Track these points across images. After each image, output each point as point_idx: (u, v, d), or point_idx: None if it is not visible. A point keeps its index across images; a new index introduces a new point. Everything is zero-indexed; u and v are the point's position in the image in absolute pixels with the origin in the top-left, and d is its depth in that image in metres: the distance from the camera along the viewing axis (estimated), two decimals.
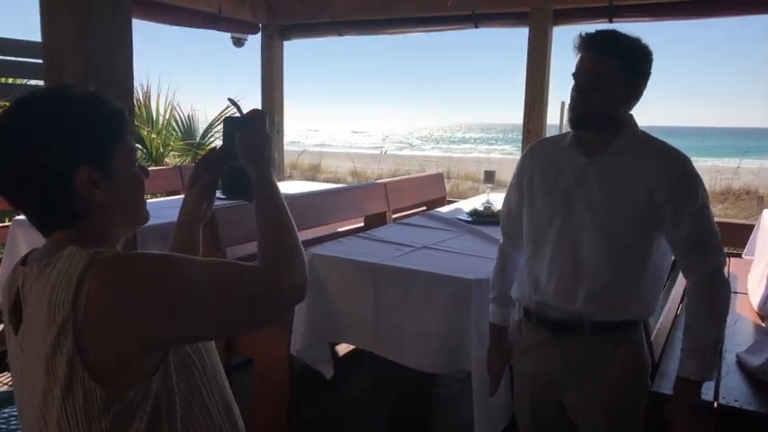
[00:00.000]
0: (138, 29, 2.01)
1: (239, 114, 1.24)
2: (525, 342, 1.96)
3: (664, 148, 1.81)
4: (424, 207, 4.84)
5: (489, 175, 4.18)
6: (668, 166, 1.75)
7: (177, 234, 1.34)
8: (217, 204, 3.05)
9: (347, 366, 3.37)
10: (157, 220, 1.38)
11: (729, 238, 4.57)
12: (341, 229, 4.22)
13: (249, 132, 1.19)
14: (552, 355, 1.87)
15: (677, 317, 3.04)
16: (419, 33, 5.44)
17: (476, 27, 4.87)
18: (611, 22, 4.33)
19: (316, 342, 2.68)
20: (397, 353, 2.52)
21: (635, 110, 1.85)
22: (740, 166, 15.48)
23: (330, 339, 2.73)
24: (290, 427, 2.90)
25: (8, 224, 3.76)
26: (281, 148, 5.97)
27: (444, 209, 4.17)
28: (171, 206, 2.60)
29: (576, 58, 1.77)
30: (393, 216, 4.46)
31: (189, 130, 8.27)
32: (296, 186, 5.27)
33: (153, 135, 7.82)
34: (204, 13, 5.05)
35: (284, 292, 1.03)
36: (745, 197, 11.53)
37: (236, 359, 3.22)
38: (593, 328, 1.80)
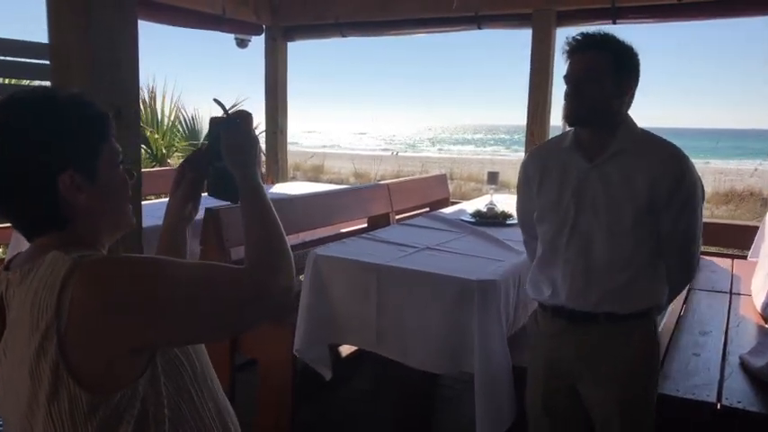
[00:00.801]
0: (143, 30, 2.01)
1: (224, 115, 1.21)
2: (541, 330, 2.02)
3: (663, 145, 1.86)
4: (428, 208, 4.84)
5: (492, 177, 4.18)
6: (667, 164, 1.81)
7: (163, 237, 1.32)
8: (219, 205, 3.06)
9: (350, 367, 3.37)
10: (160, 221, 1.37)
11: (734, 239, 4.57)
12: (344, 230, 4.22)
13: (234, 133, 1.17)
14: (567, 343, 1.94)
15: (680, 318, 3.05)
16: (422, 35, 5.43)
17: (479, 28, 4.87)
18: (614, 23, 4.33)
19: (317, 342, 2.68)
20: (399, 353, 2.52)
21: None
22: (758, 168, 15.45)
23: (332, 341, 2.73)
24: (292, 427, 2.90)
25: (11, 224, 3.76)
26: (283, 149, 5.97)
27: (447, 210, 4.18)
28: None
29: (566, 62, 1.85)
30: (396, 217, 4.46)
31: (193, 132, 8.29)
32: (299, 187, 5.28)
33: (157, 136, 7.85)
34: (208, 15, 5.05)
35: (272, 295, 1.01)
36: (749, 198, 11.53)
37: (239, 359, 3.23)
38: (607, 318, 1.87)
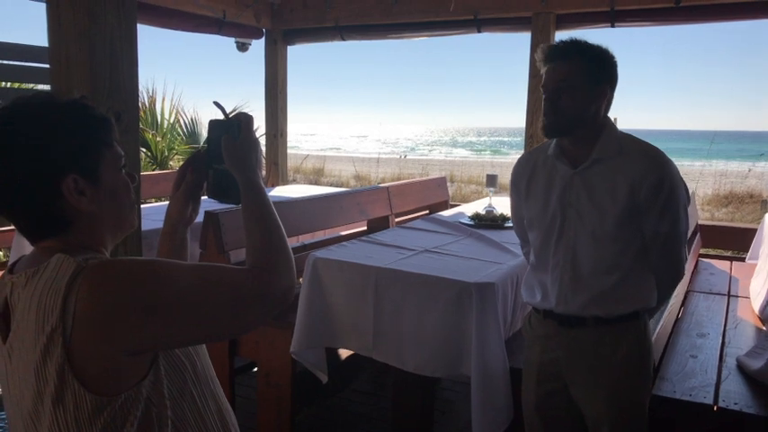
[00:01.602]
0: (143, 33, 2.03)
1: (224, 117, 1.22)
2: (534, 333, 2.05)
3: (643, 149, 1.88)
4: (427, 211, 4.85)
5: (492, 179, 4.18)
6: (647, 167, 1.82)
7: (163, 240, 1.33)
8: (218, 208, 3.07)
9: (350, 368, 3.38)
10: (161, 224, 1.38)
11: (732, 242, 4.58)
12: (344, 233, 4.23)
13: (236, 136, 1.18)
14: (558, 345, 1.97)
15: (678, 320, 3.06)
16: (422, 38, 5.44)
17: (478, 32, 4.88)
18: (613, 26, 4.35)
19: (314, 345, 2.69)
20: (396, 357, 2.52)
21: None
22: (751, 169, 15.46)
23: (329, 344, 2.74)
24: (291, 429, 2.91)
25: (13, 228, 3.78)
26: (283, 152, 5.98)
27: (447, 213, 4.19)
28: None
29: (543, 71, 1.86)
30: (396, 220, 4.48)
31: (193, 134, 8.32)
32: (299, 190, 5.29)
33: (158, 139, 7.86)
34: (208, 18, 5.07)
35: (274, 295, 1.03)
36: (749, 200, 11.52)
37: (239, 362, 3.24)
38: (596, 321, 1.90)
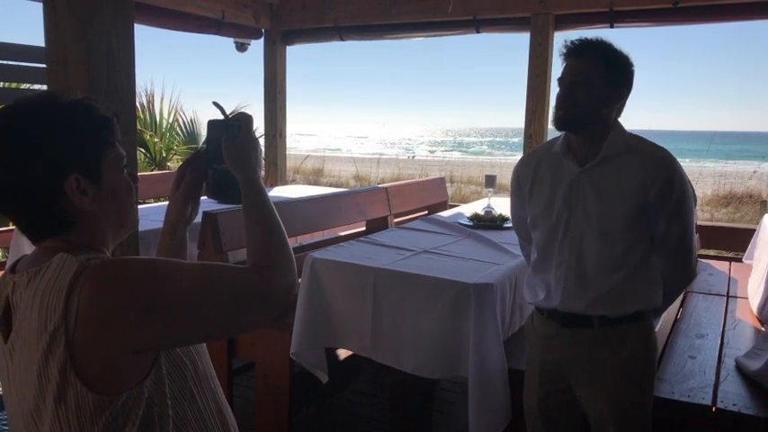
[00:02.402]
0: (141, 33, 2.03)
1: (224, 118, 1.23)
2: (537, 333, 2.04)
3: (652, 149, 1.88)
4: (426, 211, 4.85)
5: (490, 180, 4.18)
6: (657, 168, 1.82)
7: (162, 240, 1.33)
8: (217, 209, 3.07)
9: (348, 369, 3.38)
10: (160, 224, 1.38)
11: (731, 242, 4.58)
12: (343, 234, 4.23)
13: (235, 136, 1.18)
14: (562, 346, 1.96)
15: (677, 320, 3.05)
16: (421, 39, 5.45)
17: (477, 32, 4.88)
18: (612, 27, 4.34)
19: (313, 346, 2.68)
20: (394, 358, 2.51)
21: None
22: (756, 170, 15.45)
23: (328, 344, 2.73)
24: (291, 429, 2.90)
25: (12, 228, 3.78)
26: (282, 153, 5.98)
27: (446, 213, 4.18)
28: None
29: (562, 65, 1.88)
30: (395, 220, 4.47)
31: (192, 135, 8.31)
32: (299, 191, 5.29)
33: (156, 139, 7.86)
34: (207, 19, 5.06)
35: (274, 294, 1.04)
36: (748, 201, 11.53)
37: (237, 363, 3.23)
38: (601, 320, 1.89)
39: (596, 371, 1.90)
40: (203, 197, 1.34)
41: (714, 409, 2.17)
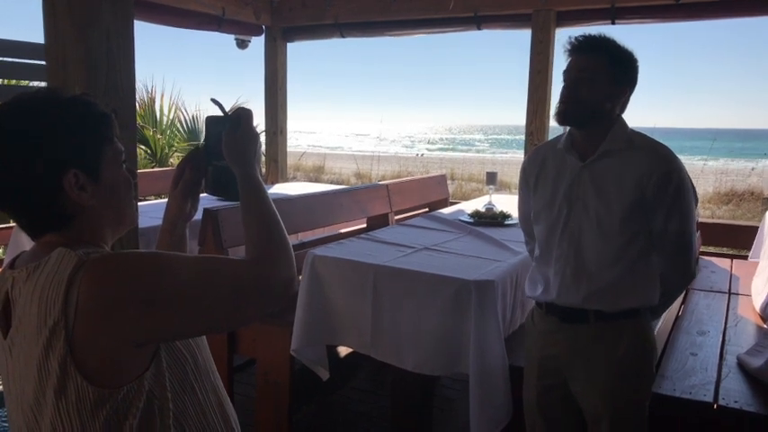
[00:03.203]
0: (142, 30, 2.03)
1: (222, 114, 1.23)
2: (536, 328, 2.06)
3: (652, 145, 1.89)
4: (427, 208, 4.84)
5: (491, 177, 4.17)
6: (656, 164, 1.83)
7: (162, 237, 1.33)
8: (217, 205, 3.06)
9: (349, 366, 3.37)
10: (160, 221, 1.39)
11: (733, 239, 4.57)
12: (343, 231, 4.23)
13: (236, 131, 1.19)
14: (559, 340, 1.97)
15: (678, 317, 3.05)
16: (422, 35, 5.44)
17: (478, 29, 4.87)
18: (613, 23, 4.33)
19: (313, 343, 2.68)
20: (394, 356, 2.51)
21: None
22: (755, 167, 15.43)
23: (328, 341, 2.73)
24: (290, 426, 2.90)
25: (11, 225, 3.78)
26: (283, 150, 5.97)
27: (446, 210, 4.18)
28: None
29: (567, 60, 1.88)
30: (396, 217, 4.47)
31: (193, 131, 8.30)
32: (299, 188, 5.28)
33: (158, 136, 7.85)
34: (208, 16, 5.06)
35: (273, 287, 1.04)
36: (750, 198, 11.52)
37: (237, 359, 3.23)
38: (597, 315, 1.90)
39: (592, 367, 1.91)
40: (203, 194, 1.34)
41: (715, 406, 2.16)
